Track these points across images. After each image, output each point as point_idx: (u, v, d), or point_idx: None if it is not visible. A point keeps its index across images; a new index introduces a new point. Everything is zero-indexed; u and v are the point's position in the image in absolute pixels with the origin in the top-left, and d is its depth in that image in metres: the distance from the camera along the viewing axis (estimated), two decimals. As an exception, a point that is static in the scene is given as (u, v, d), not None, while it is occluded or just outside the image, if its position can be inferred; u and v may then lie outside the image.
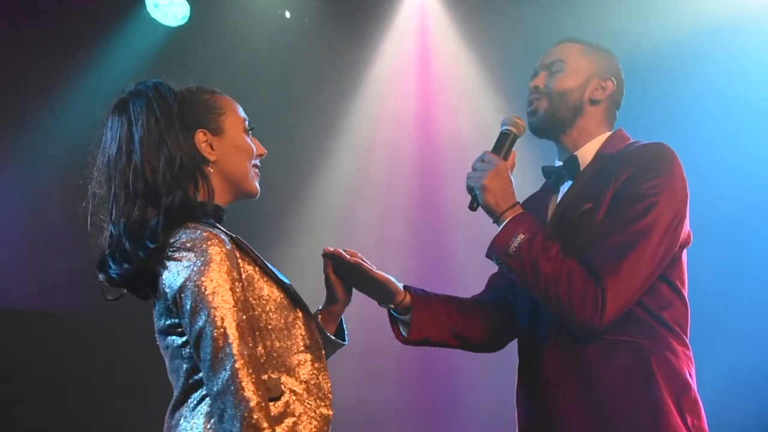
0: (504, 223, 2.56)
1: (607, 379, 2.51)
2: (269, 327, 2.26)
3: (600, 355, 2.51)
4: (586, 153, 2.71)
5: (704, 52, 5.29)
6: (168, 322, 2.22)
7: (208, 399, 2.17)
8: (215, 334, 2.11)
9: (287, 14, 5.92)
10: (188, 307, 2.14)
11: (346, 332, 2.60)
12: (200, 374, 2.17)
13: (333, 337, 2.55)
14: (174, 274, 2.17)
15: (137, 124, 2.26)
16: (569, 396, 2.55)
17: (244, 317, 2.15)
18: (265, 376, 2.21)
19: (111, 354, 5.43)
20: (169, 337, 2.24)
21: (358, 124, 6.11)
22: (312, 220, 6.07)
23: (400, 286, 2.71)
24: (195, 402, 2.21)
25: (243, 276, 2.22)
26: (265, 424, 2.09)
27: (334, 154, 6.12)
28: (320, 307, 2.59)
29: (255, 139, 2.45)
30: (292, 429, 2.23)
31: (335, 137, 6.12)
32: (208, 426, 2.16)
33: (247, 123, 2.43)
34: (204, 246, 2.16)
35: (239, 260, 2.23)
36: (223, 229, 2.28)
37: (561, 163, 2.76)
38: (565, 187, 2.73)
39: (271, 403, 2.20)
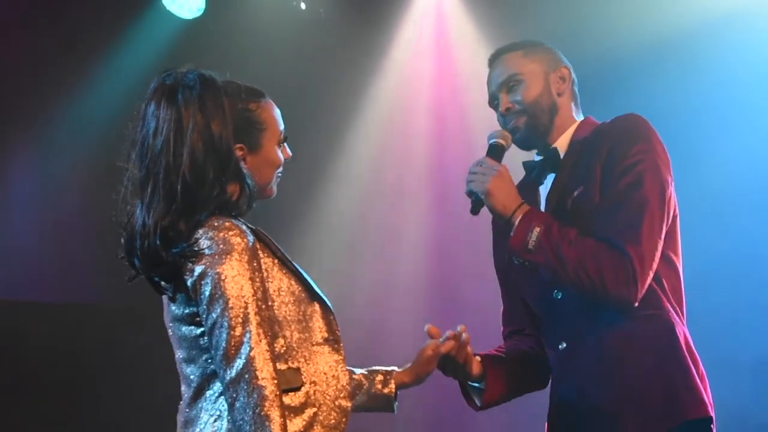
0: (517, 222, 2.59)
1: (638, 354, 2.54)
2: (288, 318, 2.26)
3: (627, 333, 2.55)
4: (563, 142, 2.76)
5: (714, 43, 5.26)
6: (187, 311, 2.22)
7: None
8: (232, 323, 2.12)
9: (302, 5, 5.91)
10: (206, 295, 2.15)
11: (397, 403, 2.62)
12: None
13: (393, 399, 2.60)
14: (195, 262, 2.17)
15: (189, 125, 2.21)
16: (602, 376, 2.58)
17: (264, 307, 2.16)
18: (285, 367, 2.21)
19: (129, 346, 5.44)
20: (186, 327, 2.23)
21: (374, 115, 6.09)
22: (326, 215, 6.06)
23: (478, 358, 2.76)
24: (216, 394, 2.20)
25: (263, 267, 2.22)
26: (277, 414, 2.08)
27: (351, 147, 6.11)
28: (397, 368, 2.63)
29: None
30: (313, 419, 2.23)
31: (351, 129, 6.11)
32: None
33: (282, 134, 2.43)
34: (226, 236, 2.17)
35: (259, 251, 2.23)
36: (244, 221, 2.28)
37: (541, 157, 2.79)
38: (548, 180, 2.76)
39: (291, 394, 2.21)
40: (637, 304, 2.52)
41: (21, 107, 5.36)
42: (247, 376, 2.09)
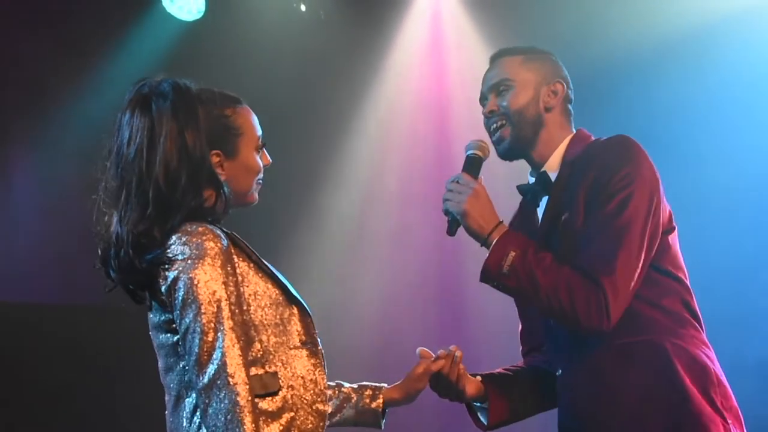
0: (492, 244, 2.54)
1: (632, 385, 2.50)
2: (264, 322, 2.24)
3: (619, 363, 2.51)
4: (554, 163, 2.70)
5: (718, 43, 5.27)
6: (163, 318, 2.21)
7: None
8: (204, 328, 2.11)
9: (302, 7, 5.91)
10: (179, 300, 2.14)
11: (384, 419, 2.63)
12: None
13: (381, 415, 2.60)
14: (168, 269, 2.16)
15: (162, 132, 2.21)
16: (597, 408, 2.54)
17: (237, 311, 2.15)
18: (262, 371, 2.20)
19: (129, 347, 5.42)
20: (164, 334, 2.23)
21: (374, 117, 6.09)
22: (327, 217, 6.05)
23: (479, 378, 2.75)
24: (194, 404, 2.18)
25: (237, 272, 2.21)
26: (249, 420, 2.07)
27: (351, 149, 6.10)
28: (386, 384, 2.63)
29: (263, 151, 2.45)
30: (290, 424, 2.22)
31: (351, 131, 6.10)
32: None
33: (260, 140, 2.42)
34: (199, 240, 2.16)
35: (234, 256, 2.22)
36: (219, 226, 2.27)
37: (533, 180, 2.75)
38: (543, 203, 2.72)
39: (269, 398, 2.20)
40: (625, 332, 2.48)
41: (22, 109, 5.37)
42: (219, 381, 2.08)
